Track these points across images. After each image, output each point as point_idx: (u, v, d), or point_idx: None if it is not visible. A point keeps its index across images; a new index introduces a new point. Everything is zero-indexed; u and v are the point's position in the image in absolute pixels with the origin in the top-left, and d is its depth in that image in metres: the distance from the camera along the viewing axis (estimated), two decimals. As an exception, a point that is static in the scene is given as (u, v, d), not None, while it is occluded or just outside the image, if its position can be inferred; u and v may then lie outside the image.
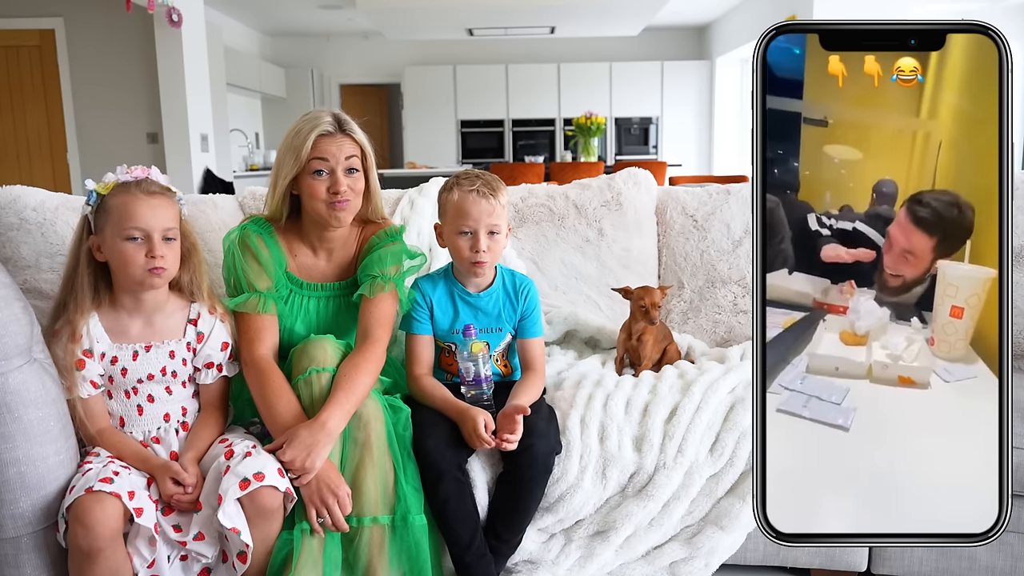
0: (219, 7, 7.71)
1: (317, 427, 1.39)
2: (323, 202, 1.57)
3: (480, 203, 1.61)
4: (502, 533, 1.50)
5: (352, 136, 1.60)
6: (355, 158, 1.59)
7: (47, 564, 1.33)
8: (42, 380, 1.34)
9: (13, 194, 1.84)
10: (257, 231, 1.63)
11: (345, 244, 1.70)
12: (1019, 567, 1.60)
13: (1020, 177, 1.63)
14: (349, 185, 1.58)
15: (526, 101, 9.44)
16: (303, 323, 1.66)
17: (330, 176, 1.56)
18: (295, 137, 1.56)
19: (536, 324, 1.73)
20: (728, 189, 2.24)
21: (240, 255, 1.59)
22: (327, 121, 1.57)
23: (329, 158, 1.56)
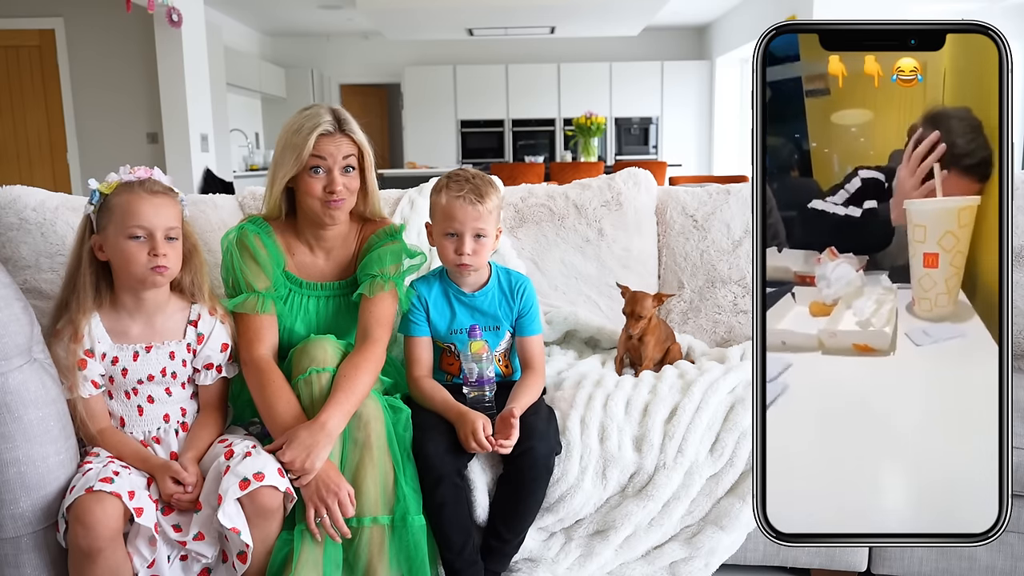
0: (219, 7, 7.71)
1: (317, 428, 1.39)
2: (318, 199, 1.58)
3: (467, 208, 1.61)
4: (504, 534, 1.51)
5: (351, 136, 1.60)
6: (352, 157, 1.60)
7: (47, 564, 1.33)
8: (42, 380, 1.34)
9: (13, 194, 1.84)
10: (255, 231, 1.63)
11: (344, 243, 1.70)
12: (1019, 567, 1.60)
13: (1020, 177, 1.63)
14: (345, 184, 1.58)
15: (526, 101, 9.44)
16: (303, 323, 1.66)
17: (327, 175, 1.57)
18: (295, 135, 1.56)
19: (534, 322, 1.73)
20: (728, 189, 2.24)
21: (238, 255, 1.59)
22: (327, 120, 1.57)
23: (327, 157, 1.56)
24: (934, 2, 6.88)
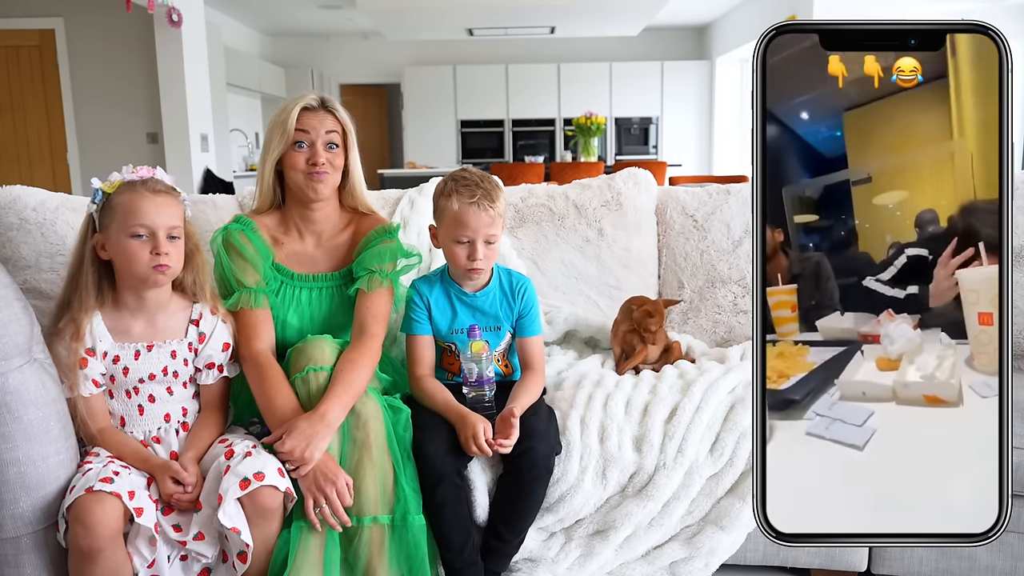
0: (219, 7, 7.71)
1: (316, 418, 1.40)
2: (302, 172, 1.62)
3: (480, 215, 1.60)
4: (504, 534, 1.51)
5: (334, 112, 1.66)
6: (335, 134, 1.65)
7: (47, 564, 1.33)
8: (42, 380, 1.34)
9: (13, 194, 1.84)
10: (239, 228, 1.65)
11: (335, 231, 1.72)
12: (1019, 567, 1.60)
13: (1020, 177, 1.63)
14: (328, 159, 1.62)
15: (526, 101, 9.44)
16: (295, 314, 1.66)
17: (310, 148, 1.62)
18: (281, 113, 1.64)
19: (534, 322, 1.73)
20: (728, 189, 2.24)
21: (225, 254, 1.62)
22: (311, 97, 1.64)
23: (310, 131, 1.62)
24: (934, 2, 6.88)
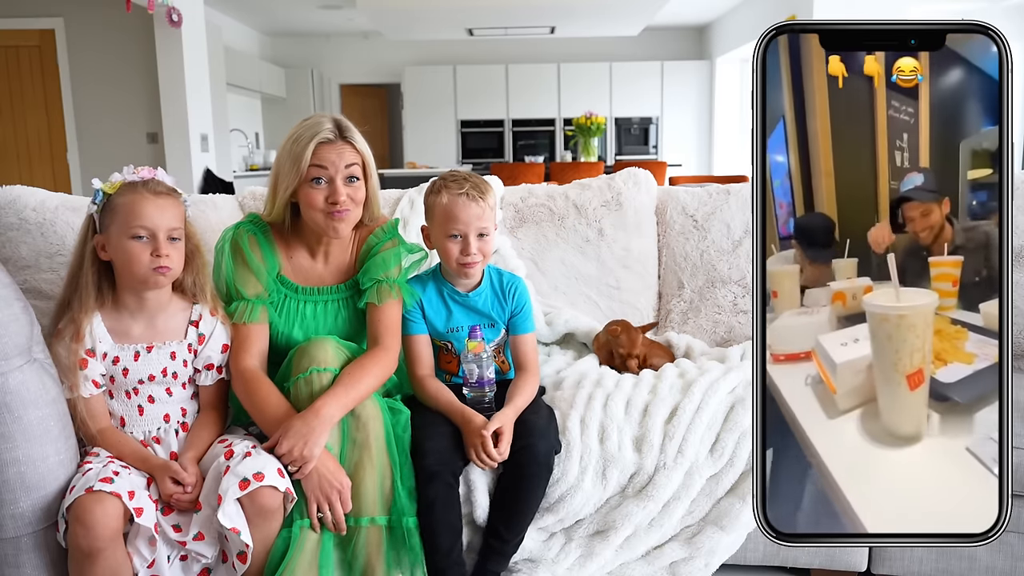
0: (219, 7, 7.71)
1: (311, 415, 1.38)
2: (320, 212, 1.53)
3: (470, 206, 1.60)
4: (503, 533, 1.50)
5: (353, 143, 1.55)
6: (356, 166, 1.55)
7: (47, 564, 1.33)
8: (42, 380, 1.34)
9: (13, 194, 1.84)
10: (251, 231, 1.60)
11: (342, 247, 1.68)
12: (1019, 567, 1.60)
13: (1020, 177, 1.63)
14: (349, 195, 1.53)
15: (526, 101, 9.44)
16: (300, 328, 1.62)
17: (329, 185, 1.52)
18: (295, 144, 1.52)
19: (527, 320, 1.73)
20: (728, 189, 2.24)
21: (230, 259, 1.57)
22: (327, 128, 1.52)
23: (328, 166, 1.51)
24: (934, 2, 6.88)
